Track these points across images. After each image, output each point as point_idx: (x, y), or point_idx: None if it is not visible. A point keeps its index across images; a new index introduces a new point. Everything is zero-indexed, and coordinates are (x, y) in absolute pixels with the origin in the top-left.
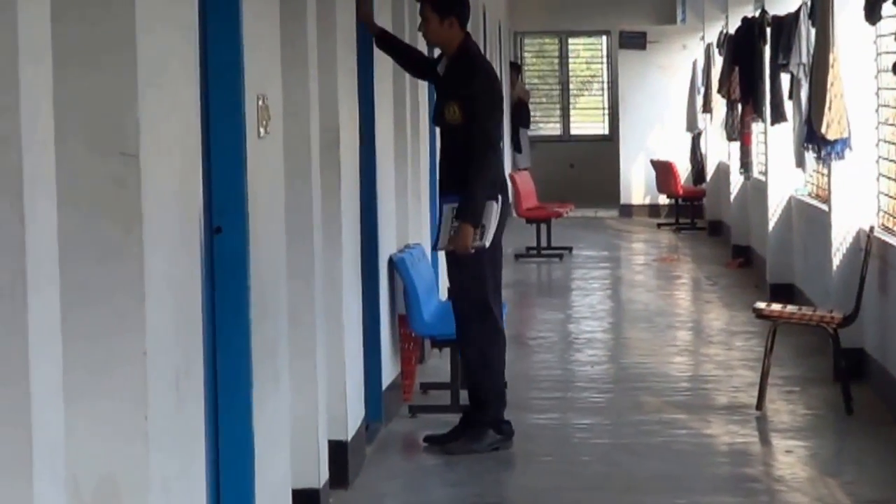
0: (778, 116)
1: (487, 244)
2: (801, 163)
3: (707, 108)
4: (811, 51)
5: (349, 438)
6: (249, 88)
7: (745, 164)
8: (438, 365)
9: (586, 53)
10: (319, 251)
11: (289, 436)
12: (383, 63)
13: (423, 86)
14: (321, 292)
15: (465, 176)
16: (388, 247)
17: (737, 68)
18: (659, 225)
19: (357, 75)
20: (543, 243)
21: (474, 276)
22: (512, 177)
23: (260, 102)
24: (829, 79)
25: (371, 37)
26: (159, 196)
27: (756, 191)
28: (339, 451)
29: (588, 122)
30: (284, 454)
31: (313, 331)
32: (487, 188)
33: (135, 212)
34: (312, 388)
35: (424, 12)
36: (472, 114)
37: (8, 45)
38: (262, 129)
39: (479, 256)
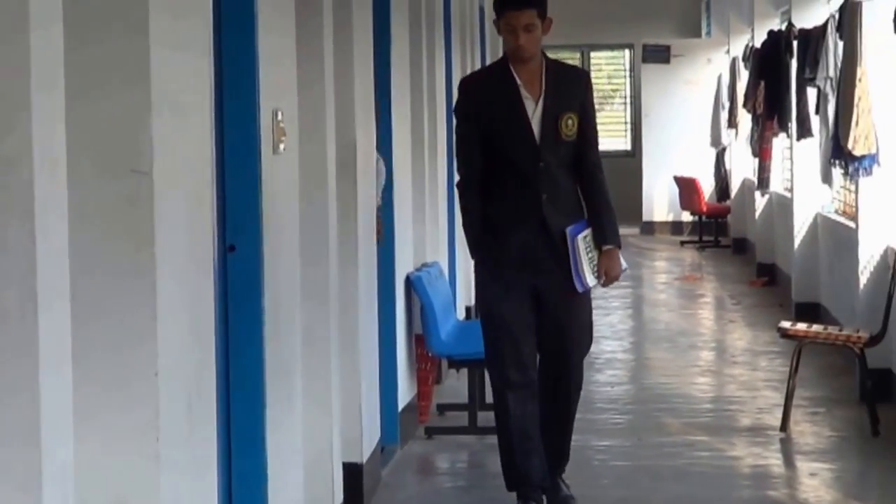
0: (804, 132)
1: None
2: (827, 179)
3: (732, 123)
4: (839, 65)
5: (364, 461)
6: (265, 104)
7: (763, 180)
8: (455, 386)
9: (609, 67)
10: (335, 270)
11: (302, 458)
12: (401, 79)
13: (442, 102)
14: (336, 312)
15: (586, 198)
16: (405, 265)
17: (763, 82)
18: (682, 242)
19: (374, 91)
20: None
21: (590, 311)
22: None
23: (275, 118)
24: (857, 93)
25: (387, 51)
26: (172, 214)
27: (781, 208)
28: (353, 474)
29: (610, 137)
30: (298, 476)
31: (328, 351)
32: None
33: (147, 230)
34: (327, 410)
35: (531, 20)
36: (589, 125)
37: (20, 64)
38: (277, 146)
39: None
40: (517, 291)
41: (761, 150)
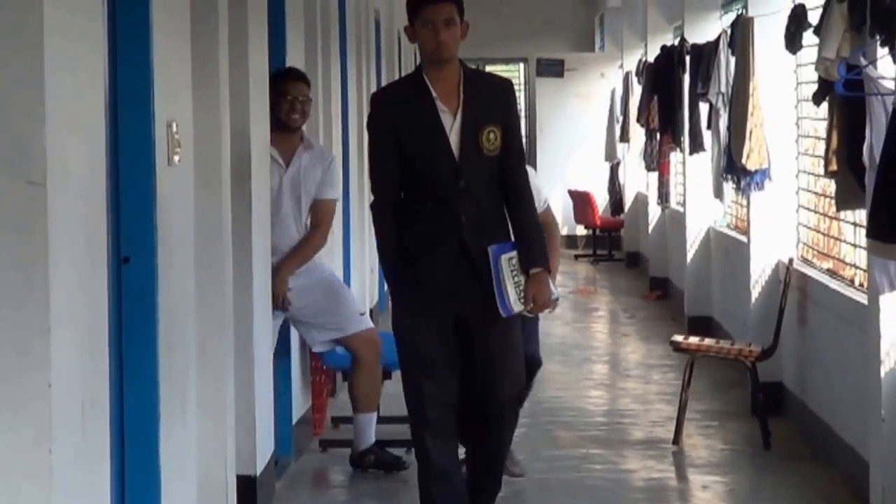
0: (696, 146)
1: (558, 295)
2: (719, 193)
3: (625, 137)
4: (730, 80)
5: (258, 473)
6: (159, 115)
7: (663, 195)
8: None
9: None
10: (229, 282)
11: (196, 470)
12: None
13: (338, 114)
14: (231, 323)
15: (512, 218)
16: None
17: (656, 97)
18: (576, 256)
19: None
20: None
21: (519, 338)
22: None
23: (170, 129)
24: (749, 108)
25: (283, 61)
26: (66, 225)
27: (674, 222)
28: (247, 486)
29: None
30: (191, 488)
31: (222, 362)
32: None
33: (40, 242)
34: (221, 422)
35: (451, 14)
36: (514, 137)
37: None
38: (171, 157)
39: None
40: (436, 324)
41: (660, 164)
